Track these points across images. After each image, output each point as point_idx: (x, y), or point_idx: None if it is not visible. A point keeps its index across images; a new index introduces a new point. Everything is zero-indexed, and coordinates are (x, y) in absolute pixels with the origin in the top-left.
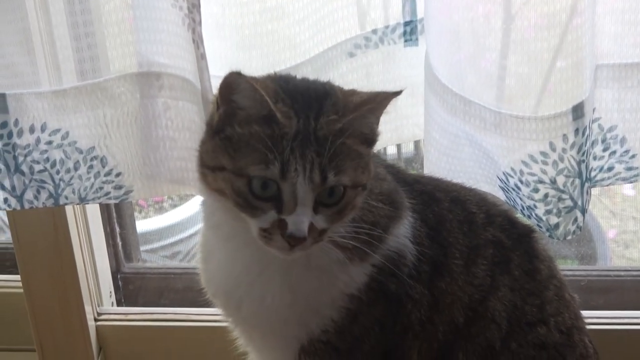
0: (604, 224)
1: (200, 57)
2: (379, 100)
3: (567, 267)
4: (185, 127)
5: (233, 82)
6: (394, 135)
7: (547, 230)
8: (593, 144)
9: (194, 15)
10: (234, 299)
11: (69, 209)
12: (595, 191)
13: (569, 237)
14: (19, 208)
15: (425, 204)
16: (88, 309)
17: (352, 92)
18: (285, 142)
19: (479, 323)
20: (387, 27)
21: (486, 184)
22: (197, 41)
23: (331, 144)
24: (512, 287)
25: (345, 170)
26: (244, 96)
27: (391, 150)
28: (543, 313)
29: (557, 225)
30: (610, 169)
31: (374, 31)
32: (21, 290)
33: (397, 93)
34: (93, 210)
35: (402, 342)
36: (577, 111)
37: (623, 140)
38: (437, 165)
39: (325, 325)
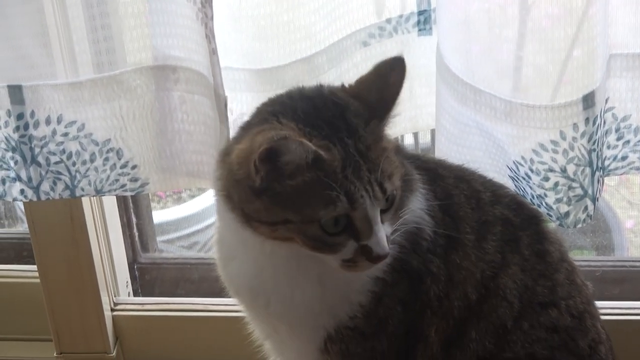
0: (622, 214)
1: (212, 52)
2: (395, 84)
3: (582, 257)
4: (200, 121)
5: (280, 147)
6: (409, 124)
7: (558, 218)
8: (607, 133)
9: (207, 10)
10: (261, 297)
11: (85, 200)
12: (612, 181)
13: (579, 226)
14: (35, 199)
15: (431, 180)
16: (104, 299)
17: (357, 89)
18: (339, 174)
19: (491, 300)
20: (401, 16)
21: (496, 174)
22: (209, 36)
23: (375, 155)
24: (522, 267)
25: (392, 174)
26: (292, 154)
27: (408, 141)
28: (554, 295)
29: (567, 214)
30: (624, 158)
31: (388, 20)
32: (38, 281)
33: (401, 62)
34: (110, 201)
35: (422, 320)
36: (588, 100)
37: (637, 130)
38: (448, 155)
39: (353, 312)
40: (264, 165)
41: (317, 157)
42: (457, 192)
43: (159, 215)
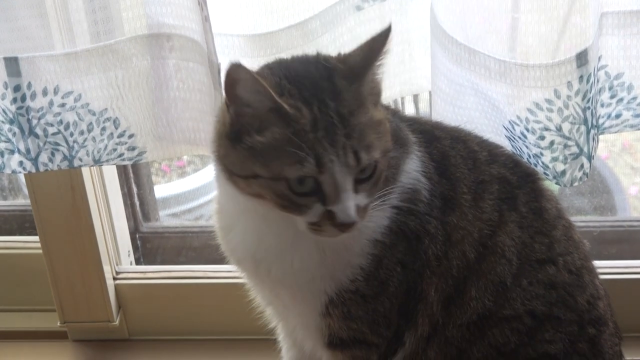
0: (626, 180)
1: (205, 19)
2: (378, 49)
3: (580, 218)
4: (196, 88)
5: (233, 73)
6: (404, 87)
7: (554, 177)
8: (600, 91)
9: None
10: (262, 264)
11: (85, 170)
12: (616, 148)
13: (576, 184)
14: (34, 171)
15: (428, 141)
16: (107, 268)
17: (347, 55)
18: (309, 134)
19: (489, 258)
20: None
21: (492, 134)
22: (202, 3)
23: (357, 122)
24: (520, 224)
25: (373, 144)
26: (247, 89)
27: (409, 109)
28: (552, 252)
29: (563, 172)
30: (617, 116)
31: None
32: (40, 251)
33: (387, 31)
34: (110, 171)
35: (421, 280)
36: (581, 58)
37: (630, 87)
38: (444, 116)
39: (354, 275)
40: (229, 98)
41: (281, 110)
42: (454, 153)
43: (164, 189)
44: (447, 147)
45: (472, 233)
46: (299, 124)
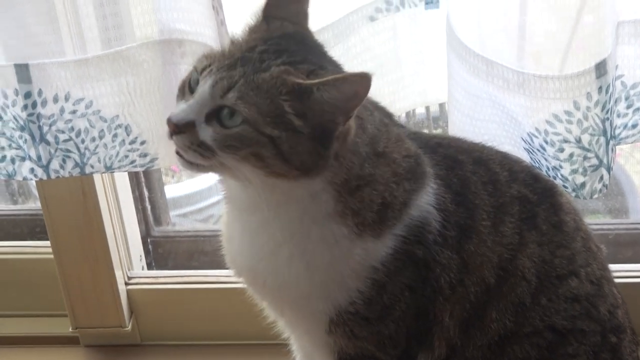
0: (637, 178)
1: (220, 24)
2: (343, 81)
3: (595, 220)
4: None
5: None
6: (418, 98)
7: (574, 190)
8: (616, 101)
9: None
10: (258, 276)
11: (96, 175)
12: (626, 146)
13: (595, 196)
14: (45, 178)
15: (449, 168)
16: (118, 273)
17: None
18: (233, 59)
19: (509, 281)
20: None
21: (510, 146)
22: (217, 7)
23: (261, 79)
24: (540, 242)
25: (253, 104)
26: None
27: (420, 109)
28: (574, 264)
29: (583, 185)
30: (634, 125)
31: None
32: (51, 256)
33: (364, 75)
34: (121, 175)
35: (433, 305)
36: (600, 69)
37: None
38: (461, 128)
39: (351, 297)
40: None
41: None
42: (475, 179)
43: (174, 190)
44: (469, 173)
45: (491, 259)
46: (237, 47)
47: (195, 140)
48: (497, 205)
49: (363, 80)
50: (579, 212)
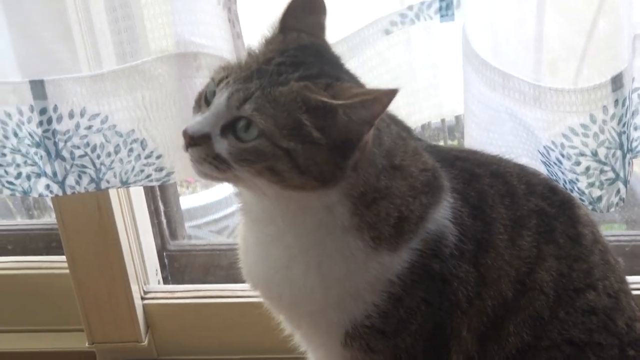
0: None
1: (237, 36)
2: (372, 102)
3: (612, 232)
4: None
5: None
6: (434, 111)
7: (590, 203)
8: (633, 114)
9: None
10: (274, 289)
11: (112, 190)
12: None
13: (612, 210)
14: (60, 194)
15: (466, 182)
16: (134, 287)
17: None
18: (249, 71)
19: (528, 294)
20: (422, 2)
21: (527, 158)
22: (233, 20)
23: (279, 92)
24: (557, 256)
25: (270, 116)
26: None
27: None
28: (591, 277)
29: (599, 198)
30: None
31: (410, 7)
32: (67, 271)
33: (392, 92)
34: (137, 190)
35: (451, 319)
36: (617, 82)
37: None
38: (478, 140)
39: (367, 311)
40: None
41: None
42: (492, 192)
43: (189, 201)
44: (486, 186)
45: (509, 272)
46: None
47: (211, 153)
48: (515, 218)
49: (391, 96)
50: (596, 225)
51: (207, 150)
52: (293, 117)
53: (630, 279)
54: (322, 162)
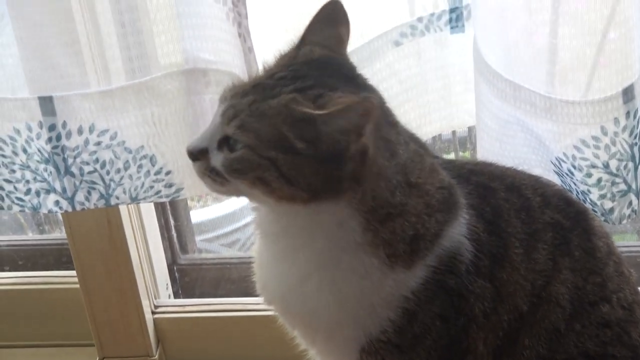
0: None
1: (248, 51)
2: (346, 110)
3: (623, 243)
4: None
5: None
6: (444, 122)
7: (602, 214)
8: None
9: (239, 9)
10: (288, 304)
11: None
12: None
13: (624, 222)
14: (70, 210)
15: (482, 196)
16: (145, 302)
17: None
18: (249, 86)
19: (543, 308)
20: (432, 14)
21: (541, 169)
22: (244, 35)
23: (266, 106)
24: (573, 268)
25: (252, 131)
26: None
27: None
28: (605, 290)
29: (611, 210)
30: None
31: (420, 19)
32: (78, 286)
33: (365, 99)
34: (147, 204)
35: (467, 335)
36: (628, 94)
37: None
38: (490, 151)
39: (382, 326)
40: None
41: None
42: (507, 206)
43: (199, 214)
44: (501, 200)
45: (524, 286)
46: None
47: (208, 167)
48: (530, 232)
49: (366, 103)
50: (610, 236)
51: (205, 164)
52: (277, 129)
53: None
54: (310, 173)
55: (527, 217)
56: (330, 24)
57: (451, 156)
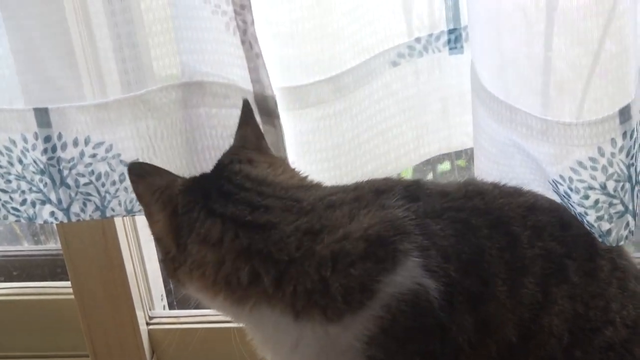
0: None
1: (256, 57)
2: None
3: None
4: (229, 134)
5: None
6: (442, 144)
7: (600, 236)
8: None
9: (244, 17)
10: None
11: None
12: None
13: (622, 243)
14: (65, 221)
15: (460, 234)
16: (140, 313)
17: None
18: None
19: (536, 338)
20: (431, 35)
21: (541, 189)
22: (250, 41)
23: None
24: (571, 295)
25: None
26: None
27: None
28: (609, 314)
29: (609, 232)
30: None
31: (418, 40)
32: (72, 297)
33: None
34: (142, 216)
35: None
36: (624, 114)
37: None
38: (489, 174)
39: None
40: None
41: None
42: (490, 244)
43: None
44: (483, 239)
45: (512, 319)
46: None
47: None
48: (515, 269)
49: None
50: (616, 248)
51: None
52: None
53: None
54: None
55: (511, 256)
56: (245, 124)
57: (446, 166)
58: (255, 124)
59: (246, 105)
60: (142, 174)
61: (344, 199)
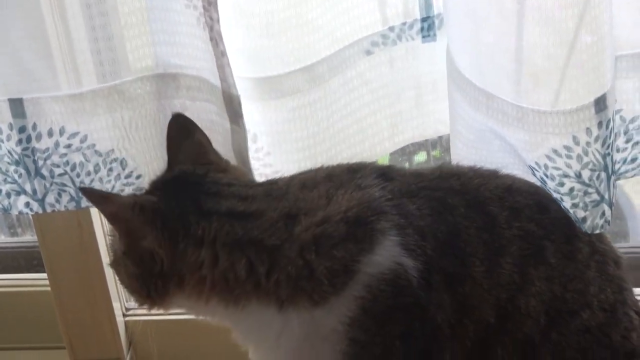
0: (638, 200)
1: (221, 55)
2: None
3: None
4: (204, 126)
5: None
6: (416, 132)
7: (576, 222)
8: (616, 136)
9: (211, 13)
10: None
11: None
12: None
13: (598, 231)
14: (40, 212)
15: (436, 214)
16: (116, 304)
17: None
18: None
19: (513, 319)
20: (404, 23)
21: (520, 172)
22: (216, 39)
23: None
24: (549, 277)
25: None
26: None
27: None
28: (586, 296)
29: (584, 219)
30: (633, 159)
31: (391, 28)
32: (49, 289)
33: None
34: None
35: (434, 343)
36: (600, 104)
37: None
38: (466, 158)
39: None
40: None
41: None
42: (467, 223)
43: None
44: (460, 218)
45: (489, 300)
46: None
47: None
48: (493, 249)
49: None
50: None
51: None
52: None
53: None
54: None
55: (489, 236)
56: (185, 137)
57: (422, 156)
58: (201, 131)
59: (182, 117)
60: (104, 195)
61: (315, 178)
